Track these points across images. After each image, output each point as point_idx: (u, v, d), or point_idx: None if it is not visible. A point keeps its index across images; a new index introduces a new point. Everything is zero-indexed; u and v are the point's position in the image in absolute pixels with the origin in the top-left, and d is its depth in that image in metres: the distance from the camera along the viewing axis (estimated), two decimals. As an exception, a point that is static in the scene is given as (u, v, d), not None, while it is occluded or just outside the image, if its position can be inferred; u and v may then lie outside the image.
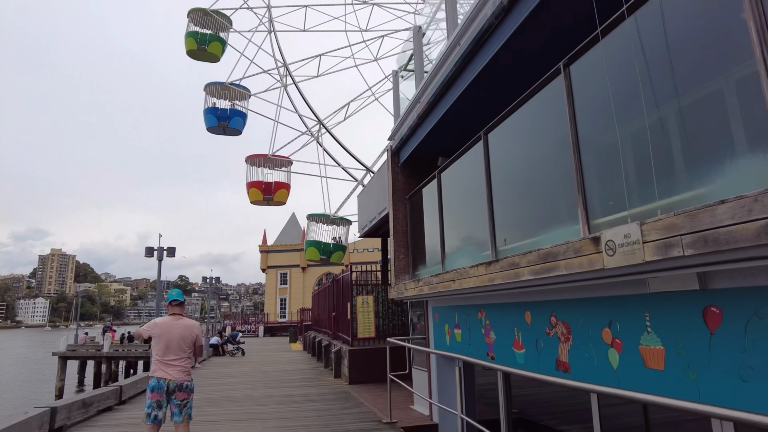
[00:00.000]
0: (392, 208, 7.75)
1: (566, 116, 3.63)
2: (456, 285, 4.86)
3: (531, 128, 4.43)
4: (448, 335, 6.85)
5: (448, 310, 6.82)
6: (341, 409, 8.61)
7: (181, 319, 5.01)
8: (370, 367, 12.04)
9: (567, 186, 3.84)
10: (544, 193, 4.25)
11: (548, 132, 4.11)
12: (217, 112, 22.74)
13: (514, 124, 4.59)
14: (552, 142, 4.06)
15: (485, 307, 5.67)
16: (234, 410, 8.81)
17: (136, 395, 10.46)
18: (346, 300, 13.72)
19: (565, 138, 3.70)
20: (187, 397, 4.86)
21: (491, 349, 5.59)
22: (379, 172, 14.37)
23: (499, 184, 4.87)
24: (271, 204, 22.69)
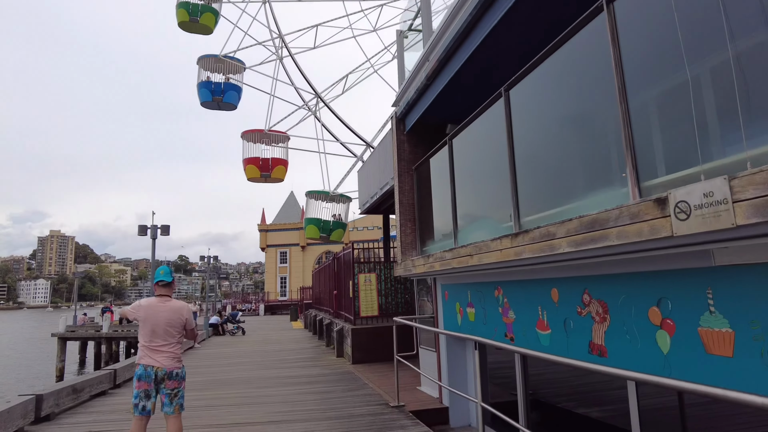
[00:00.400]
0: (397, 179, 7.21)
1: (610, 59, 3.07)
2: (474, 260, 4.37)
3: (561, 80, 3.87)
4: (460, 314, 6.41)
5: (460, 287, 6.36)
6: (346, 390, 8.23)
7: (169, 302, 4.52)
8: (373, 346, 11.68)
9: (610, 143, 3.31)
10: (579, 155, 3.72)
11: (584, 81, 3.55)
12: (211, 86, 21.94)
13: (542, 76, 4.02)
14: (589, 93, 3.50)
15: (503, 284, 5.20)
16: (234, 393, 8.43)
17: (132, 378, 10.09)
18: (347, 278, 13.29)
19: (608, 87, 3.15)
20: (178, 386, 4.41)
21: (510, 330, 5.14)
22: (381, 145, 13.77)
23: (523, 147, 4.33)
24: (268, 181, 22.10)
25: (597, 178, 3.43)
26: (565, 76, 3.83)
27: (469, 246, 4.52)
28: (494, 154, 5.06)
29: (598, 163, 3.44)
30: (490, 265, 4.17)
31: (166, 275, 4.56)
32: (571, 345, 4.09)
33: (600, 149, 3.43)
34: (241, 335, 21.86)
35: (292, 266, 52.54)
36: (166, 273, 4.57)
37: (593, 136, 3.55)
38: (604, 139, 3.38)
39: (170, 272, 4.61)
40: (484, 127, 5.18)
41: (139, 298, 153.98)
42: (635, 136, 2.96)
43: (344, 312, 13.74)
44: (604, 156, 3.37)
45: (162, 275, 4.57)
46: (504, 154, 4.68)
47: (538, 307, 4.57)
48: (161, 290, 4.54)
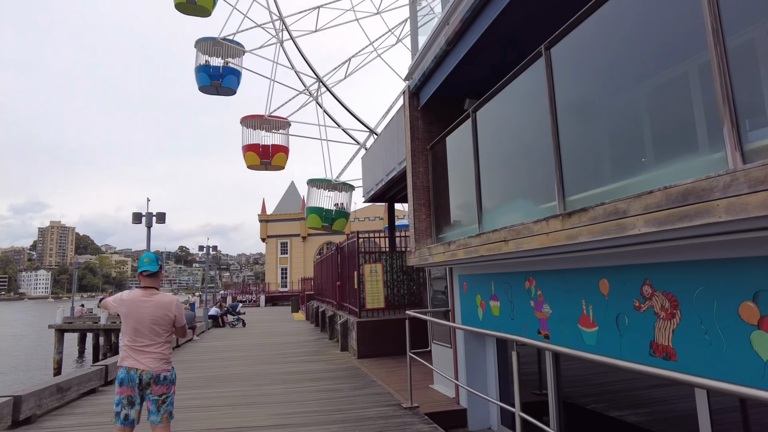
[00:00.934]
0: (410, 160, 6.57)
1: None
2: (510, 247, 3.75)
3: (617, 28, 3.22)
4: (481, 308, 5.80)
5: (482, 278, 5.75)
6: (353, 389, 7.66)
7: (155, 295, 3.90)
8: (379, 340, 11.12)
9: (691, 99, 2.67)
10: (640, 118, 3.08)
11: (653, 26, 2.90)
12: (209, 70, 21.21)
13: (594, 25, 3.37)
14: (660, 36, 2.85)
15: (536, 274, 4.58)
16: (233, 391, 7.86)
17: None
18: (352, 268, 12.70)
19: (693, 23, 2.51)
20: (167, 391, 3.81)
21: (544, 326, 4.53)
22: (389, 128, 13.10)
23: (567, 116, 3.69)
24: (269, 169, 21.44)
25: (672, 145, 2.79)
26: (624, 22, 3.18)
27: (502, 230, 3.90)
28: (528, 127, 4.42)
29: (674, 126, 2.81)
30: (531, 252, 3.55)
31: (151, 264, 3.93)
32: (626, 345, 3.48)
33: (675, 108, 2.80)
34: (242, 327, 21.33)
35: (293, 257, 52.00)
36: (151, 261, 3.95)
37: (663, 93, 2.91)
38: (681, 95, 2.74)
39: (156, 260, 3.97)
40: (516, 95, 4.54)
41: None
42: (735, 85, 2.32)
43: (348, 304, 13.16)
44: (683, 115, 2.73)
45: (146, 264, 3.94)
46: (541, 125, 4.04)
47: (581, 301, 3.96)
48: (146, 281, 3.92)
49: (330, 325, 15.58)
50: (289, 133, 21.94)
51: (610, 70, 3.44)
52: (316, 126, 21.38)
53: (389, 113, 19.63)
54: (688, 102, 2.65)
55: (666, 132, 2.81)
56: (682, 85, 2.71)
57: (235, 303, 28.13)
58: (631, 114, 3.08)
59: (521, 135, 4.54)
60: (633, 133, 3.05)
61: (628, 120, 3.11)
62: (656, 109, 3.00)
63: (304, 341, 15.06)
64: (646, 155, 2.94)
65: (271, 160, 20.89)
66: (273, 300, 45.17)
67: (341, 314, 13.74)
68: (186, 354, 13.13)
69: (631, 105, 3.08)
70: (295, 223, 51.41)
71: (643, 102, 2.98)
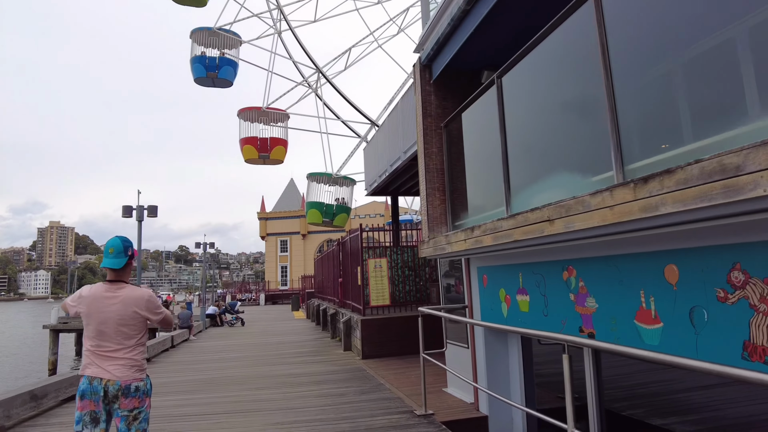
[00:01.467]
0: (423, 140, 5.89)
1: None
2: (556, 227, 3.07)
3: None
4: (506, 303, 5.13)
5: (507, 270, 5.08)
6: (359, 393, 6.99)
7: (123, 289, 3.21)
8: (385, 339, 10.45)
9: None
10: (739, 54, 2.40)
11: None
12: (205, 61, 20.49)
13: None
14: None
15: (578, 262, 3.91)
16: (228, 396, 7.19)
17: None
18: (355, 264, 12.02)
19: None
20: (139, 406, 3.14)
21: (588, 322, 3.86)
22: (393, 116, 12.42)
23: (626, 60, 3.01)
24: (267, 162, 20.74)
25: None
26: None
27: (545, 208, 3.22)
28: (568, 90, 3.75)
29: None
30: (587, 231, 2.87)
31: (117, 256, 3.19)
32: (705, 345, 2.81)
33: None
34: (240, 326, 20.67)
35: (293, 255, 51.32)
36: (116, 252, 3.20)
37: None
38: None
39: (122, 250, 3.23)
40: (552, 53, 3.86)
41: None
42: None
43: (351, 301, 12.49)
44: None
45: (111, 257, 3.19)
46: (585, 84, 3.37)
47: (639, 292, 3.29)
48: (112, 274, 3.23)
49: (332, 323, 14.92)
50: (287, 126, 21.25)
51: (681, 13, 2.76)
52: (316, 119, 20.70)
53: (391, 105, 18.95)
54: None
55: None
56: None
57: (234, 302, 27.46)
58: (727, 48, 2.40)
59: (558, 100, 3.86)
60: (730, 71, 2.37)
61: (722, 56, 2.43)
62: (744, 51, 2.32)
63: (304, 341, 14.39)
64: (750, 98, 2.26)
65: (269, 153, 20.20)
66: (273, 298, 44.51)
67: (344, 312, 13.07)
68: (180, 355, 12.47)
69: (731, 37, 2.39)
70: (295, 220, 50.72)
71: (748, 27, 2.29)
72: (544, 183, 3.86)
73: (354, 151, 21.37)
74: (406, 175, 13.49)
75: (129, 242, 3.25)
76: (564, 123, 3.76)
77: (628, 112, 3.01)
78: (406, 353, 10.34)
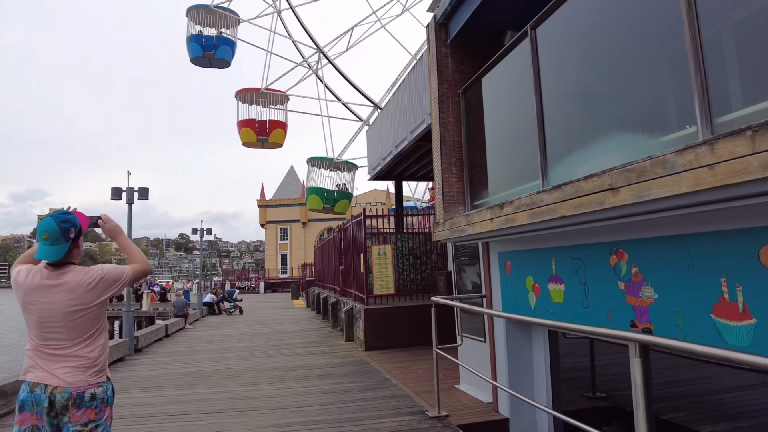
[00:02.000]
0: (438, 108, 5.21)
1: None
2: (623, 197, 2.42)
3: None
4: (534, 293, 4.49)
5: (535, 255, 4.43)
6: (364, 389, 6.39)
7: (69, 272, 2.51)
8: (389, 330, 9.86)
9: None
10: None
11: None
12: (201, 41, 19.67)
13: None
14: None
15: (630, 245, 3.26)
16: (221, 392, 6.60)
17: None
18: (358, 251, 11.39)
19: None
20: (96, 418, 2.50)
21: (642, 316, 3.22)
22: (398, 94, 11.69)
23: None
24: (266, 146, 20.02)
25: None
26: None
27: (606, 174, 2.56)
28: (624, 33, 3.06)
29: None
30: (668, 201, 2.22)
31: (55, 243, 2.43)
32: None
33: None
34: (239, 314, 20.12)
35: (293, 243, 50.73)
36: (53, 238, 2.42)
37: None
38: None
39: (60, 234, 2.43)
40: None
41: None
42: None
43: (354, 290, 11.88)
44: None
45: (46, 244, 2.43)
46: (649, 21, 2.70)
47: (719, 280, 2.64)
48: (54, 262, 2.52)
49: (333, 312, 14.34)
50: (287, 108, 20.50)
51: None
52: (316, 100, 19.94)
53: (395, 86, 18.17)
54: None
55: None
56: None
57: (232, 289, 26.90)
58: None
59: (608, 47, 3.18)
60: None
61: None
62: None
63: (304, 330, 13.81)
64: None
65: (268, 136, 19.46)
66: (272, 286, 44.03)
67: (345, 301, 12.48)
68: (174, 344, 11.89)
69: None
70: (295, 208, 50.04)
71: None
72: (593, 148, 3.19)
73: (356, 135, 20.65)
74: (411, 158, 12.81)
75: (69, 220, 2.49)
76: (618, 74, 3.09)
77: (721, 43, 2.34)
78: (411, 345, 9.75)
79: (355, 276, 11.79)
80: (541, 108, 3.77)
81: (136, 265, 2.73)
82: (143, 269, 2.75)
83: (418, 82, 10.04)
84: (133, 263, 2.75)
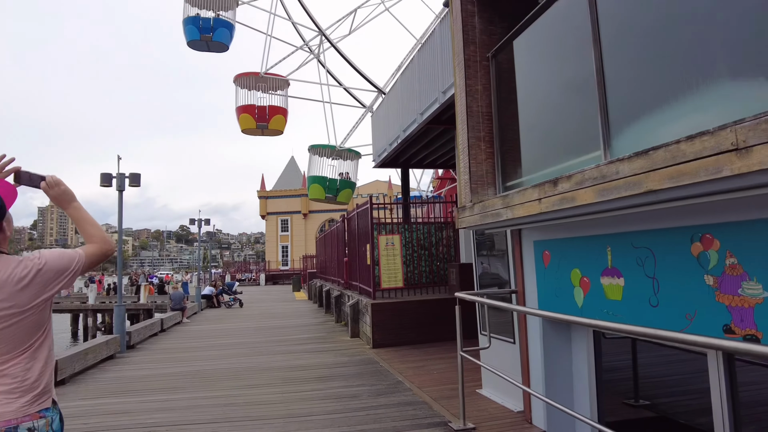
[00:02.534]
0: (464, 74, 4.51)
1: None
2: (757, 158, 1.74)
3: None
4: (582, 289, 3.82)
5: (585, 243, 3.75)
6: (375, 395, 5.75)
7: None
8: (398, 325, 9.21)
9: None
10: None
11: None
12: (198, 23, 18.88)
13: None
14: None
15: (722, 229, 2.58)
16: (214, 397, 5.96)
17: (82, 371, 7.63)
18: (363, 241, 10.71)
19: None
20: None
21: (744, 319, 2.55)
22: (407, 73, 10.95)
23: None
24: (266, 133, 19.30)
25: None
26: None
27: (724, 130, 1.85)
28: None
29: None
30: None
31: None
32: None
33: None
34: (239, 307, 19.52)
35: (293, 234, 50.08)
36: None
37: None
38: None
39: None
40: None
41: (141, 267, 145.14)
42: None
43: (359, 283, 11.22)
44: None
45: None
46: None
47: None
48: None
49: (336, 306, 13.70)
50: (287, 94, 19.75)
51: None
52: (318, 88, 19.18)
53: (399, 71, 17.40)
54: None
55: None
56: None
57: (232, 282, 26.29)
58: None
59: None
60: None
61: None
62: None
63: (307, 325, 13.18)
64: None
65: (267, 123, 18.74)
66: (273, 278, 43.43)
67: (350, 294, 11.83)
68: (170, 340, 11.27)
69: None
70: (296, 199, 49.34)
71: None
72: (684, 104, 2.50)
73: (359, 122, 19.93)
74: (420, 143, 12.10)
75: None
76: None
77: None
78: (421, 342, 9.12)
79: (361, 268, 11.13)
80: (602, 63, 3.07)
81: (92, 246, 2.04)
82: (102, 251, 2.05)
83: (429, 60, 9.30)
84: (89, 242, 2.06)
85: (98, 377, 7.35)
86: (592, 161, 3.13)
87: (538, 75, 4.06)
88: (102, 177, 9.93)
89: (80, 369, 7.46)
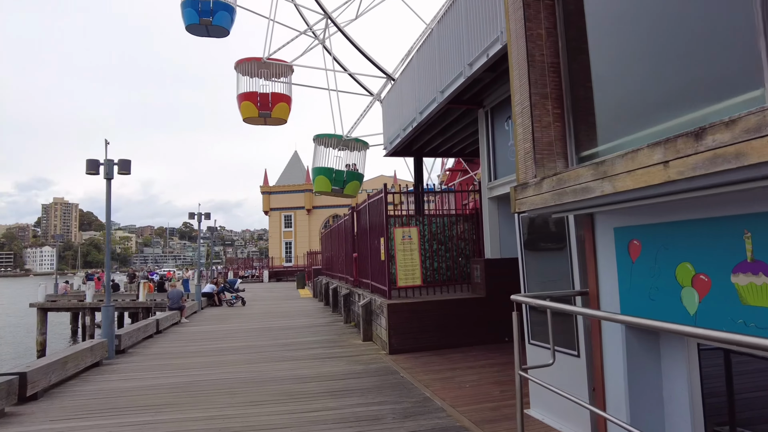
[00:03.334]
0: (522, 15, 3.50)
1: None
2: None
3: None
4: (696, 289, 2.81)
5: (704, 228, 2.75)
6: (402, 416, 4.77)
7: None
8: (417, 329, 8.23)
9: None
10: None
11: None
12: (198, 6, 17.85)
13: None
14: None
15: None
16: (209, 418, 4.99)
17: (60, 383, 6.67)
18: (377, 234, 9.72)
19: None
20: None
21: None
22: (423, 50, 9.89)
23: None
24: (268, 122, 18.29)
25: None
26: None
27: None
28: None
29: None
30: None
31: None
32: None
33: None
34: (241, 306, 18.59)
35: (297, 231, 49.14)
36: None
37: None
38: None
39: None
40: None
41: (145, 264, 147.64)
42: None
43: (372, 281, 10.23)
44: None
45: None
46: None
47: None
48: None
49: (345, 305, 12.73)
50: (291, 81, 18.73)
51: None
52: (323, 76, 18.14)
53: (418, 46, 16.35)
54: None
55: None
56: None
57: (234, 279, 25.36)
58: None
59: None
60: None
61: None
62: None
63: (314, 326, 12.21)
64: None
65: (270, 111, 17.73)
66: (277, 275, 42.52)
67: (360, 293, 10.85)
68: (165, 343, 10.32)
69: None
70: (300, 195, 48.37)
71: None
72: None
73: (366, 111, 18.87)
74: (437, 128, 11.09)
75: None
76: None
77: None
78: (443, 347, 8.15)
79: (373, 264, 10.14)
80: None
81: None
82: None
83: (452, 30, 8.28)
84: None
85: (77, 390, 6.40)
86: (742, 106, 2.13)
87: (621, 14, 3.04)
88: (88, 164, 8.97)
89: (57, 381, 6.51)
